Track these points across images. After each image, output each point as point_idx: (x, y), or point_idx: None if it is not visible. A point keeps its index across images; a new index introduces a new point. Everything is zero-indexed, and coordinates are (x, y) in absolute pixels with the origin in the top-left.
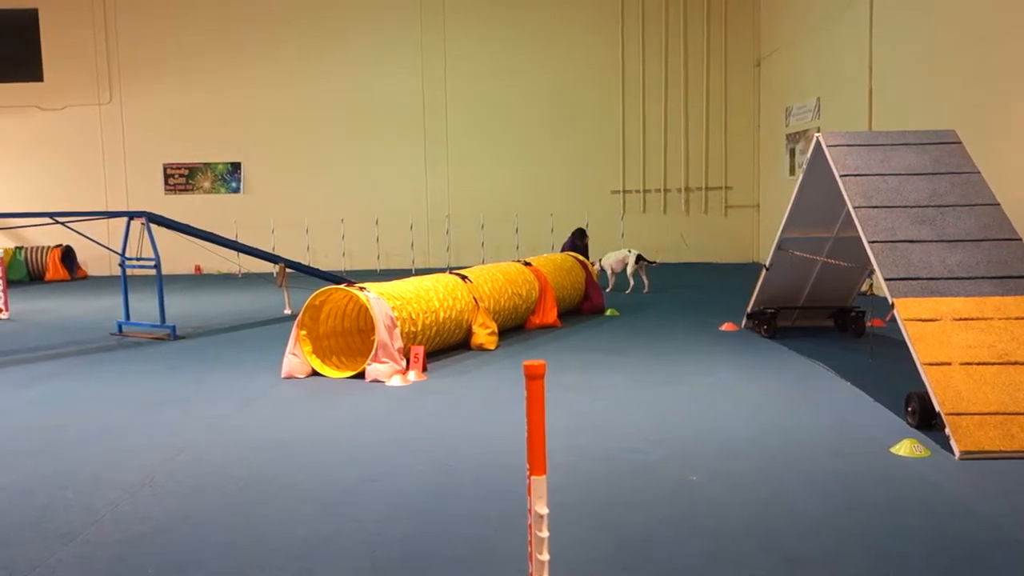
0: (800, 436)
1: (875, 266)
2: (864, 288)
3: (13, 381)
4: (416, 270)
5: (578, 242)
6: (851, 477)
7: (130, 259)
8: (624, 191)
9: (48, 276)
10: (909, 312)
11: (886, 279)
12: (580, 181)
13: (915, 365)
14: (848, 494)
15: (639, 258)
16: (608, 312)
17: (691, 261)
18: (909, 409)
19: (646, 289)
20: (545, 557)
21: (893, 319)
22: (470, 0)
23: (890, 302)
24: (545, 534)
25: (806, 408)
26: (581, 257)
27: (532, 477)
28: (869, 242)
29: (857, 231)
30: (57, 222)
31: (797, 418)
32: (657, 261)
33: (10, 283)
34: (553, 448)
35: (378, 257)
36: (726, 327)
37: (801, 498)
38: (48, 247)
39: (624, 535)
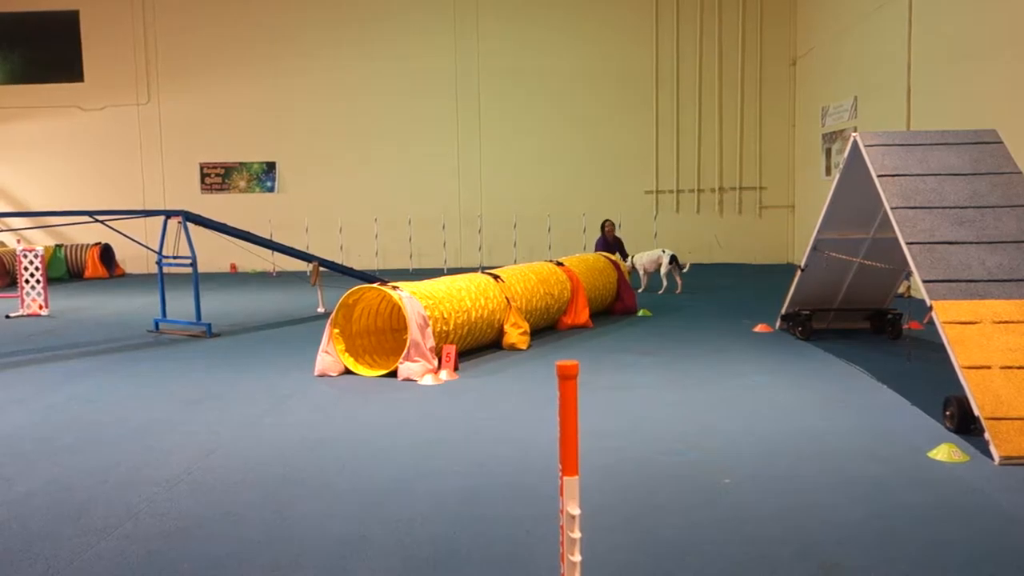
0: (835, 440)
1: (913, 268)
2: (901, 290)
3: (53, 377)
4: (448, 269)
5: (606, 234)
6: (888, 482)
7: (167, 257)
8: (657, 191)
9: (87, 274)
10: (948, 314)
11: (924, 281)
12: (613, 181)
13: (953, 368)
14: (885, 499)
15: (672, 259)
16: (641, 313)
17: (725, 262)
18: (947, 413)
19: (679, 290)
20: (577, 558)
21: (931, 322)
22: (503, 3)
23: (928, 304)
24: (577, 535)
25: (842, 411)
26: (613, 257)
27: (564, 478)
28: (907, 243)
29: (895, 232)
30: (96, 220)
31: (832, 421)
32: (687, 265)
33: (50, 280)
34: (585, 449)
35: (411, 256)
36: (760, 329)
37: (836, 503)
38: (87, 245)
39: (657, 538)
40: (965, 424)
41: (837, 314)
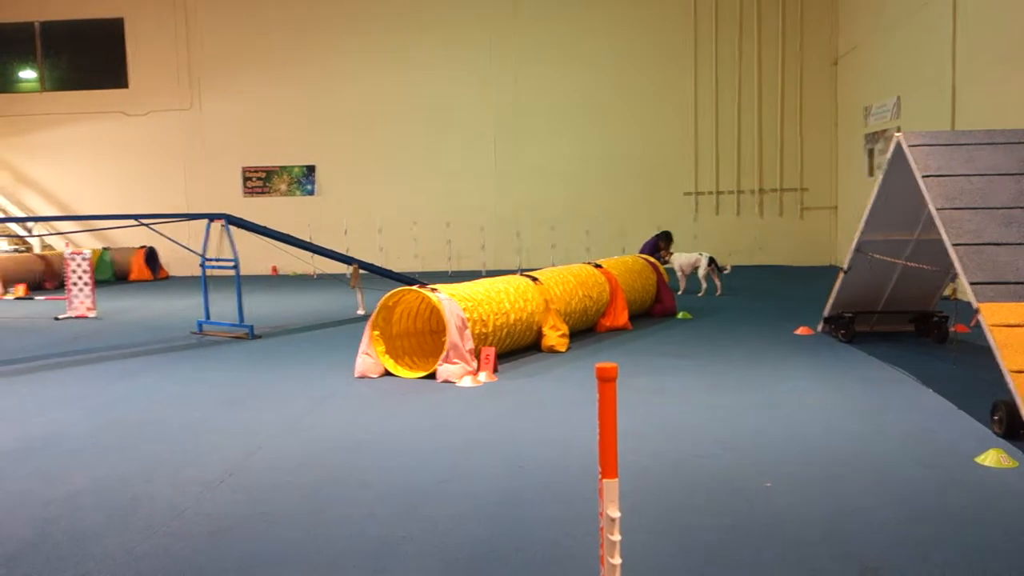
0: (879, 444)
1: (959, 269)
2: (947, 292)
3: (100, 378)
4: (487, 272)
5: (662, 243)
6: (933, 487)
7: (210, 260)
8: (697, 193)
9: (132, 276)
10: (995, 317)
11: (971, 283)
12: (652, 183)
13: (1001, 372)
14: (929, 505)
15: (711, 261)
16: (680, 315)
17: (765, 264)
18: (995, 418)
19: (719, 292)
20: (617, 561)
21: (977, 324)
22: (540, 2)
23: (975, 307)
24: (617, 538)
25: (885, 415)
26: (652, 259)
27: (604, 480)
28: (952, 245)
29: (940, 233)
30: (141, 224)
31: (876, 425)
32: (728, 267)
33: (97, 283)
34: (625, 451)
35: (449, 259)
36: (801, 331)
37: (879, 508)
38: (133, 248)
39: (696, 541)
40: (1014, 429)
41: (881, 317)
